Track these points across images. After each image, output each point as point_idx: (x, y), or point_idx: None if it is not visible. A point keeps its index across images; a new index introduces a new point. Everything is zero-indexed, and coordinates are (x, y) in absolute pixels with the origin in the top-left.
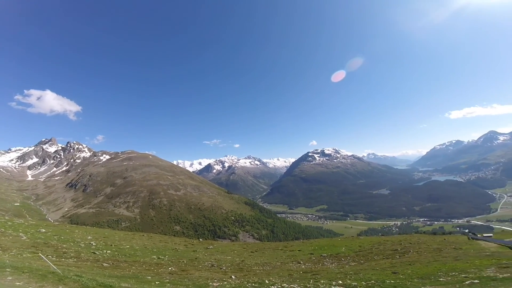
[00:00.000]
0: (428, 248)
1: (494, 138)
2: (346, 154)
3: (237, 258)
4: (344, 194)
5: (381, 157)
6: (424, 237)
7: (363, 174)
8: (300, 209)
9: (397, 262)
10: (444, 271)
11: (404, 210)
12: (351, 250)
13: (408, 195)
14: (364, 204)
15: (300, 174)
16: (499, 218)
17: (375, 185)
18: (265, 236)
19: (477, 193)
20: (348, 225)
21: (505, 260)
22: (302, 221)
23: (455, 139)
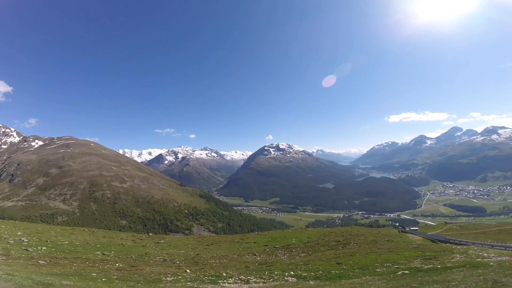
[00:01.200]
0: (366, 240)
1: (423, 141)
2: (298, 150)
3: (191, 252)
4: (295, 188)
5: (328, 153)
6: (362, 229)
7: (312, 169)
8: (255, 202)
9: (340, 253)
10: (380, 262)
11: (346, 203)
12: (301, 241)
13: (349, 189)
14: (312, 197)
15: (256, 167)
16: (423, 213)
17: (322, 179)
18: (221, 229)
19: (406, 190)
20: (298, 217)
21: (428, 252)
22: (257, 213)
23: (391, 141)
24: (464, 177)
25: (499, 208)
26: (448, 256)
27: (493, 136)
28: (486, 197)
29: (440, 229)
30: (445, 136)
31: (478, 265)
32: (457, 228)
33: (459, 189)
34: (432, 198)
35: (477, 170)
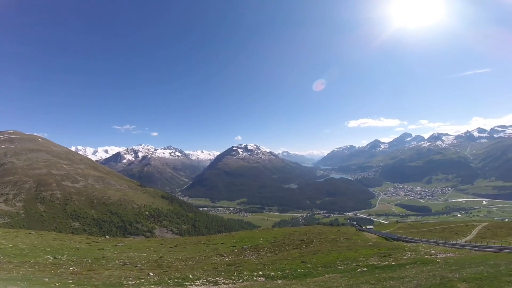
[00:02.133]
0: (327, 238)
1: (377, 146)
2: (265, 151)
3: (154, 255)
4: (262, 188)
5: (293, 155)
6: (324, 228)
7: (278, 170)
8: (222, 202)
9: (304, 252)
10: (341, 259)
11: (309, 203)
12: (268, 241)
13: (312, 190)
14: (278, 197)
15: (224, 167)
16: (377, 212)
17: (287, 180)
18: (186, 231)
19: (362, 190)
20: (265, 217)
21: (383, 249)
22: (224, 214)
23: (349, 144)
24: (413, 179)
25: (442, 208)
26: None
27: (437, 142)
28: (431, 197)
29: (392, 227)
30: (396, 141)
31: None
32: (407, 226)
33: (408, 190)
34: (384, 198)
35: (423, 172)
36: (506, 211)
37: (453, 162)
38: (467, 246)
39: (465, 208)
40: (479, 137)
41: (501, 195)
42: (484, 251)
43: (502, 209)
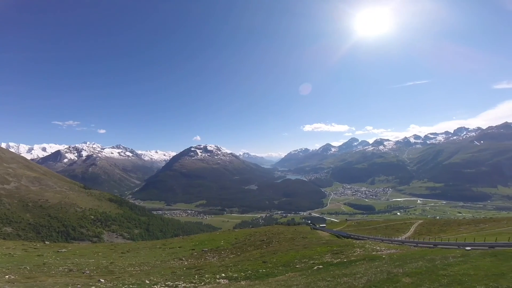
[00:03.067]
0: (285, 238)
1: (328, 149)
2: (226, 152)
3: (103, 261)
4: (222, 190)
5: (253, 156)
6: (282, 228)
7: (238, 171)
8: (179, 205)
9: (265, 252)
10: (299, 258)
11: (267, 203)
12: (229, 243)
13: (270, 190)
14: (238, 199)
15: (181, 169)
16: (329, 211)
17: (247, 181)
18: (139, 236)
19: (315, 191)
20: (225, 219)
21: (335, 247)
22: (181, 217)
23: (304, 147)
24: (359, 180)
25: (384, 207)
26: (351, 250)
27: (380, 147)
28: (374, 197)
29: (342, 225)
30: (345, 145)
31: (374, 258)
32: (355, 224)
33: (355, 190)
34: (335, 197)
35: (368, 174)
36: (437, 210)
37: (393, 165)
38: (407, 243)
39: (403, 206)
40: (415, 143)
41: (432, 195)
42: (421, 247)
43: (434, 208)
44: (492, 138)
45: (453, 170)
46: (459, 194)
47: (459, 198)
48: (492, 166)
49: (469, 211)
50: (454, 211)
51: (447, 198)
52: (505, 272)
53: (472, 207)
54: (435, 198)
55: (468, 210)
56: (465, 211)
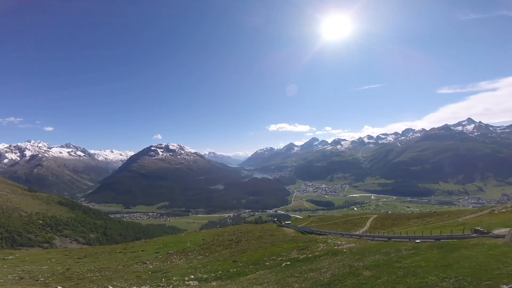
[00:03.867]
0: (253, 236)
1: (292, 148)
2: (190, 151)
3: (58, 267)
4: (186, 190)
5: (219, 156)
6: (250, 226)
7: (204, 171)
8: (139, 208)
9: (234, 251)
10: (268, 255)
11: (235, 203)
12: (196, 244)
13: (237, 189)
14: (204, 199)
15: (140, 169)
16: (293, 208)
17: (213, 181)
18: (96, 240)
19: (280, 189)
20: (191, 220)
21: (301, 243)
22: (142, 220)
23: (270, 146)
24: (319, 177)
25: (343, 202)
26: (315, 246)
27: (338, 146)
28: (333, 193)
29: (306, 221)
30: (307, 145)
31: (336, 252)
32: (317, 220)
33: (316, 187)
34: (298, 195)
35: (327, 171)
36: (389, 204)
37: (349, 163)
38: (364, 237)
39: (359, 202)
40: (368, 142)
41: (384, 191)
42: (377, 241)
43: (386, 203)
44: (434, 139)
45: (402, 167)
46: (407, 189)
47: (407, 194)
48: (434, 164)
49: (416, 206)
50: (403, 206)
51: (397, 193)
52: (451, 263)
53: (419, 202)
54: (387, 194)
55: (415, 205)
56: (413, 205)
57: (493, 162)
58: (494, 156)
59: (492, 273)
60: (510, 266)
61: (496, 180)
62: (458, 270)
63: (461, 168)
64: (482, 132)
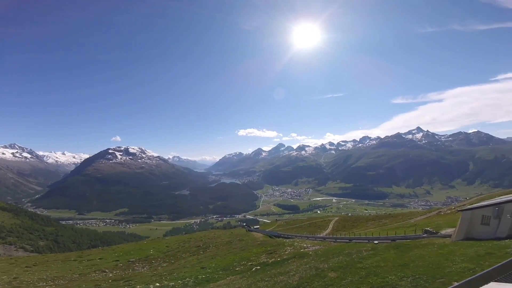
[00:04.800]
0: (222, 242)
1: (260, 153)
2: (152, 155)
3: (4, 276)
4: (147, 196)
5: (184, 160)
6: (218, 232)
7: (167, 176)
8: (94, 214)
9: (202, 258)
10: (237, 261)
11: (202, 208)
12: (160, 251)
13: (204, 195)
14: (167, 205)
15: (95, 173)
16: (261, 213)
17: (178, 186)
18: (46, 248)
19: (248, 193)
20: (153, 227)
21: (269, 247)
22: (98, 227)
23: (238, 151)
24: (285, 182)
25: (307, 206)
26: (283, 249)
27: (302, 152)
28: (298, 197)
29: (273, 225)
30: (274, 150)
31: (303, 255)
32: (284, 224)
33: (282, 191)
34: (266, 199)
35: (292, 176)
36: (349, 207)
37: (313, 168)
38: (328, 239)
39: (322, 205)
40: (330, 149)
41: (344, 194)
42: (339, 242)
43: (346, 206)
44: (388, 146)
45: (359, 172)
46: (364, 193)
47: (365, 197)
48: (388, 169)
49: (373, 208)
50: (361, 208)
51: (355, 196)
52: (407, 262)
53: (375, 204)
54: (346, 197)
55: (372, 207)
56: (370, 208)
57: (438, 168)
58: (439, 162)
59: (444, 271)
60: (458, 264)
61: (441, 184)
62: (414, 269)
63: (411, 173)
64: (429, 140)
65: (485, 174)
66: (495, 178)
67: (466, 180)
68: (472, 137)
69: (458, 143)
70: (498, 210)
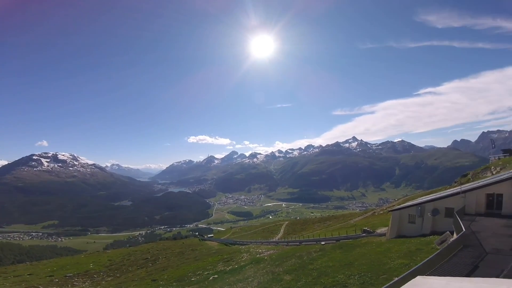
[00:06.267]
0: (173, 253)
1: (212, 161)
2: (87, 163)
3: None
4: (81, 207)
5: (125, 168)
6: (168, 243)
7: (105, 185)
8: (16, 227)
9: (152, 270)
10: (192, 271)
11: (147, 219)
12: (101, 265)
13: (149, 205)
14: (106, 217)
15: (16, 182)
16: (215, 221)
17: (117, 196)
18: None
19: (200, 202)
20: (91, 240)
21: (226, 255)
22: (22, 240)
23: (188, 159)
24: (238, 189)
25: (260, 212)
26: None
27: (254, 159)
28: (251, 203)
29: (228, 233)
30: (227, 157)
31: (259, 260)
32: (239, 231)
33: (236, 198)
34: (219, 207)
35: (245, 183)
36: (297, 211)
37: (264, 175)
38: (281, 243)
39: (274, 210)
40: (279, 156)
41: (292, 199)
42: (291, 245)
43: (294, 210)
44: (329, 154)
45: (305, 178)
46: (310, 197)
47: (310, 200)
48: (329, 175)
49: (318, 211)
50: (308, 212)
51: (302, 200)
52: (352, 261)
53: (319, 207)
54: (294, 202)
55: (317, 210)
56: (315, 211)
57: (371, 173)
58: (371, 167)
59: (385, 267)
60: (395, 260)
61: (373, 187)
62: (359, 267)
63: (349, 177)
64: (363, 148)
65: (409, 177)
66: (417, 181)
67: (394, 183)
68: (397, 146)
69: (386, 151)
70: (420, 209)
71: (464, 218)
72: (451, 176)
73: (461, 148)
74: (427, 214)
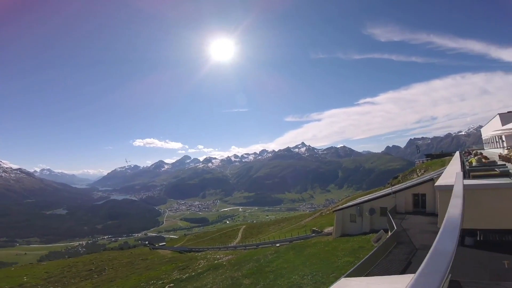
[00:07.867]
0: (121, 263)
1: (161, 166)
2: (10, 167)
3: None
4: (5, 217)
5: (58, 174)
6: (114, 253)
7: (34, 192)
8: None
9: (98, 281)
10: (145, 281)
11: (86, 229)
12: (38, 278)
13: (88, 214)
14: (37, 226)
15: None
16: (166, 229)
17: (49, 204)
18: None
19: (148, 210)
20: (21, 252)
21: (180, 263)
22: None
23: (133, 164)
24: (192, 195)
25: (216, 217)
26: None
27: (209, 164)
28: (207, 209)
29: (182, 240)
30: (178, 162)
31: (217, 266)
32: (194, 237)
33: (189, 204)
34: (170, 214)
35: (199, 189)
36: (253, 215)
37: (219, 180)
38: (239, 247)
39: (230, 215)
40: (235, 161)
41: (248, 203)
42: (249, 249)
43: (251, 213)
44: (281, 158)
45: (259, 182)
46: (264, 200)
47: (265, 203)
48: (281, 178)
49: (272, 213)
50: (263, 215)
51: (257, 204)
52: (304, 261)
53: (273, 210)
54: (250, 205)
55: (272, 213)
56: (270, 213)
57: (318, 175)
58: (318, 171)
59: (333, 266)
60: (342, 258)
61: (320, 188)
62: (311, 266)
63: (298, 180)
64: (310, 153)
65: (350, 179)
66: (357, 183)
67: (337, 185)
68: (340, 151)
69: (330, 156)
70: (359, 209)
71: (396, 216)
72: (385, 178)
73: (393, 153)
74: (365, 213)
